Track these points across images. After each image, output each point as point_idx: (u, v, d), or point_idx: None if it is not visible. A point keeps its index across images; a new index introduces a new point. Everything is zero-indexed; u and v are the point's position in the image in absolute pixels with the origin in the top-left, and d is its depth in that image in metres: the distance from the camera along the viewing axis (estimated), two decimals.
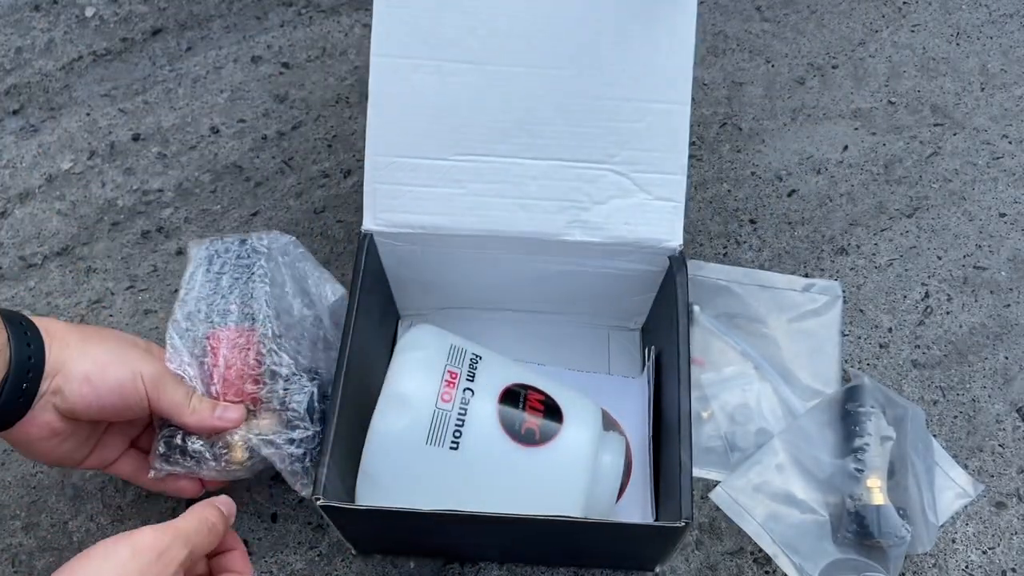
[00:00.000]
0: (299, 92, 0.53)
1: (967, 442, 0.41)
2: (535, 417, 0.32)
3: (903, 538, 0.36)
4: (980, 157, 0.51)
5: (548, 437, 0.31)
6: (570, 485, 0.31)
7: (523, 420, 0.31)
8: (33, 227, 0.48)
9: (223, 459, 0.33)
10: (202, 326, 0.34)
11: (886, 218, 0.48)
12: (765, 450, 0.39)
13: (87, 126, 0.52)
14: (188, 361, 0.33)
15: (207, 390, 0.33)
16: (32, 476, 0.40)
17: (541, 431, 0.32)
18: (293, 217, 0.48)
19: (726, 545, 0.38)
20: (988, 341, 0.44)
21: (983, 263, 0.47)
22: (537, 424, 0.32)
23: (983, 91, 0.53)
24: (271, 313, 0.35)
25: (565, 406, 0.33)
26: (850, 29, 0.57)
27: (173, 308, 0.35)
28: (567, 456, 0.31)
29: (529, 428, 0.31)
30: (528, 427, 0.31)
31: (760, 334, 0.43)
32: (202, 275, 0.36)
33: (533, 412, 0.32)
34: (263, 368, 0.34)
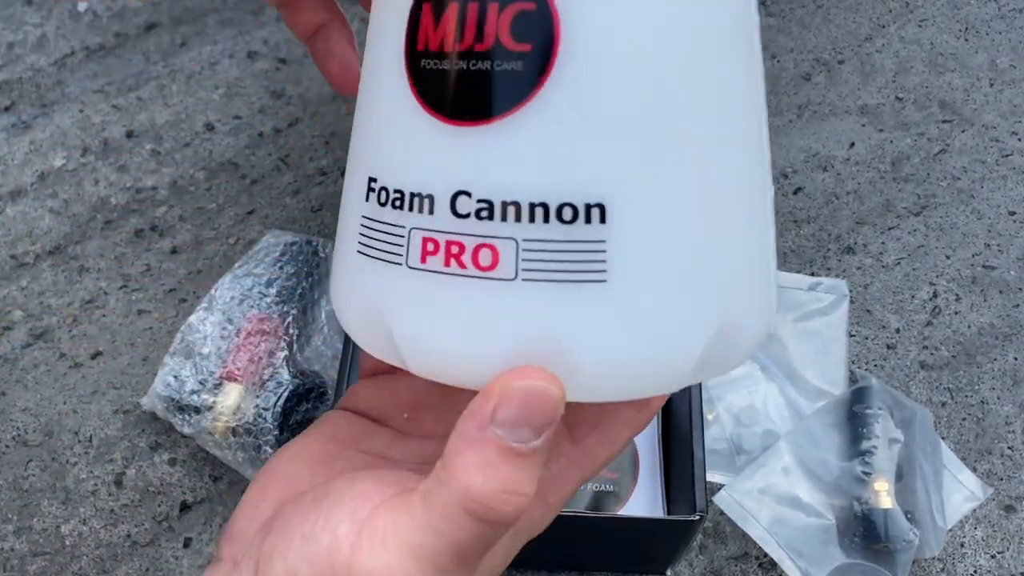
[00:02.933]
0: (296, 88, 0.53)
1: (976, 444, 0.40)
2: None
3: (911, 542, 0.35)
4: (989, 154, 0.50)
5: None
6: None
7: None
8: (25, 225, 0.48)
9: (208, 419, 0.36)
10: (241, 306, 0.38)
11: (893, 216, 0.48)
12: (770, 453, 0.39)
13: (80, 123, 0.52)
14: (212, 325, 0.38)
15: (220, 359, 0.37)
16: (24, 479, 0.39)
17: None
18: (290, 215, 0.48)
19: (730, 549, 0.37)
20: (997, 342, 0.43)
21: (992, 262, 0.46)
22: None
23: (992, 87, 0.52)
24: (296, 312, 0.39)
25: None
26: (857, 24, 0.56)
27: (224, 277, 0.40)
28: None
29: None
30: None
31: None
32: (270, 262, 0.40)
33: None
34: (272, 358, 0.37)
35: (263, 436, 0.36)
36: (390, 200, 0.13)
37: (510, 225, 0.12)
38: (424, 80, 0.12)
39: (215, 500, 0.39)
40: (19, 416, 0.41)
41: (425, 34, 0.12)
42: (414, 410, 0.17)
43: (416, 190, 0.12)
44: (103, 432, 0.41)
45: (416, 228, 0.12)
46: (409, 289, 0.12)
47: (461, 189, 0.12)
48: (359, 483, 0.14)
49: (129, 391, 0.42)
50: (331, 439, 0.16)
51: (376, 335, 0.13)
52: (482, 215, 0.12)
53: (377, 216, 0.13)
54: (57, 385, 0.42)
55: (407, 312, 0.13)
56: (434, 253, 0.12)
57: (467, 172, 0.12)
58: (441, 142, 0.12)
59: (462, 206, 0.12)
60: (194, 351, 0.39)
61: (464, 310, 0.12)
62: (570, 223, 0.12)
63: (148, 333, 0.44)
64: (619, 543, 0.33)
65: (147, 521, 0.38)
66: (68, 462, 0.40)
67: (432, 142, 0.12)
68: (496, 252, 0.12)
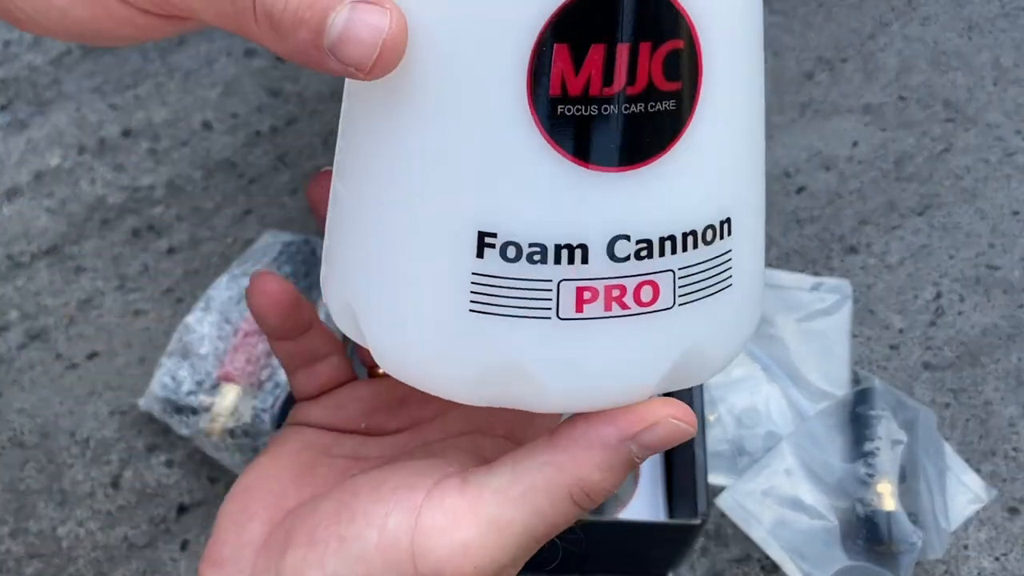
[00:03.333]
0: (294, 87, 0.52)
1: (980, 446, 0.40)
2: None
3: (914, 544, 0.35)
4: (993, 154, 0.50)
5: None
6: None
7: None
8: (21, 225, 0.47)
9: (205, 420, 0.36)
10: (238, 306, 0.38)
11: (897, 216, 0.47)
12: (773, 454, 0.39)
13: (76, 121, 0.51)
14: (210, 326, 0.37)
15: (218, 360, 0.36)
16: (20, 481, 0.39)
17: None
18: (288, 215, 0.47)
19: (732, 552, 0.37)
20: (1001, 342, 0.43)
21: (996, 262, 0.46)
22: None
23: (996, 86, 0.52)
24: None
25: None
26: (860, 22, 0.55)
27: (221, 277, 0.39)
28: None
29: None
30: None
31: (767, 335, 0.43)
32: (267, 262, 0.40)
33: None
34: (270, 359, 0.36)
35: (261, 438, 0.36)
36: (524, 255, 0.12)
37: (667, 259, 0.12)
38: (562, 127, 0.11)
39: (212, 502, 0.38)
40: (15, 417, 0.41)
41: (560, 78, 0.11)
42: (369, 417, 0.17)
43: (564, 241, 0.12)
44: (100, 433, 0.40)
45: (566, 279, 0.12)
46: (561, 340, 0.12)
47: (619, 234, 0.12)
48: (393, 477, 0.13)
49: (126, 392, 0.41)
50: (302, 450, 0.16)
51: (504, 384, 0.13)
52: (642, 255, 0.12)
53: (503, 272, 0.12)
54: (53, 386, 0.42)
55: (562, 360, 0.13)
56: (591, 301, 0.12)
57: (625, 217, 0.12)
58: (591, 190, 0.12)
59: (620, 250, 0.12)
60: (191, 352, 0.38)
61: (626, 345, 0.12)
62: (710, 243, 0.13)
63: (145, 333, 0.43)
64: (620, 546, 0.33)
65: (144, 523, 0.38)
66: (64, 463, 0.40)
67: (579, 191, 0.12)
68: (657, 287, 0.12)
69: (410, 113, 0.12)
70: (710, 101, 0.12)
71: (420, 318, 0.13)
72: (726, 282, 0.13)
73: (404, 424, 0.17)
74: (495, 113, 0.12)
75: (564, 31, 0.11)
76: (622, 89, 0.11)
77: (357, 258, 0.14)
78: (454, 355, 0.13)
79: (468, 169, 0.12)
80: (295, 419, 0.17)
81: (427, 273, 0.13)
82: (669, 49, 0.11)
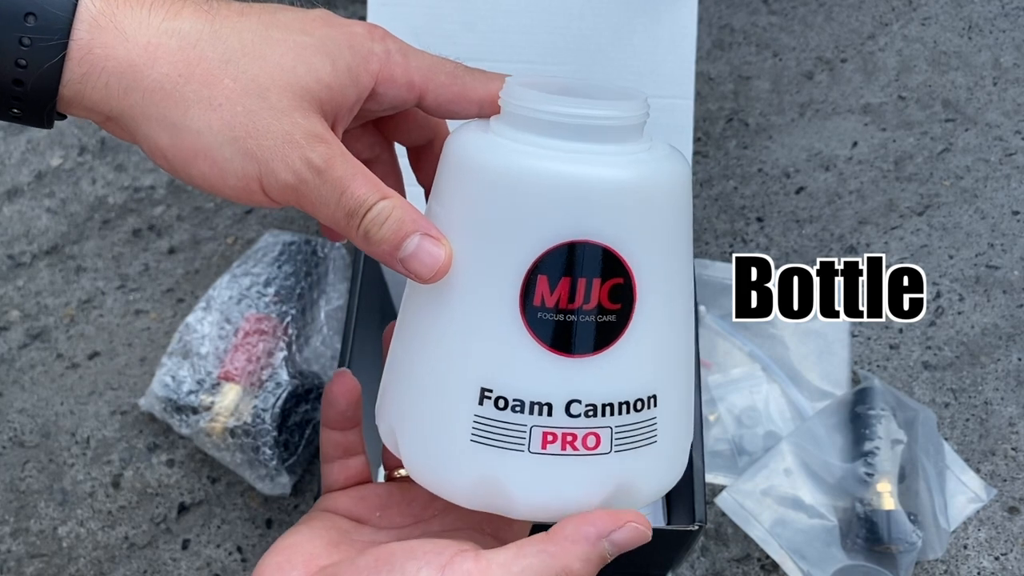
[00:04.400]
0: None
1: (979, 446, 0.40)
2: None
3: (914, 544, 0.35)
4: (992, 153, 0.50)
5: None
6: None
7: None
8: (22, 225, 0.47)
9: (205, 419, 0.36)
10: (239, 305, 0.39)
11: (896, 216, 0.47)
12: (772, 454, 0.39)
13: (77, 121, 0.51)
14: (210, 325, 0.38)
15: (218, 359, 0.37)
16: (20, 480, 0.39)
17: None
18: (288, 214, 0.47)
19: (732, 551, 0.37)
20: (1001, 342, 0.43)
21: (995, 262, 0.46)
22: None
23: (995, 86, 0.52)
24: (295, 312, 0.39)
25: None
26: (860, 22, 0.55)
27: (222, 277, 0.39)
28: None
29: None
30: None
31: (768, 334, 0.42)
32: (268, 261, 0.41)
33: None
34: (271, 358, 0.37)
35: (261, 437, 0.36)
36: (509, 406, 0.18)
37: (608, 419, 0.18)
38: (540, 326, 0.18)
39: (213, 502, 0.38)
40: (16, 417, 0.41)
41: (540, 295, 0.18)
42: (383, 509, 0.21)
43: (536, 399, 0.18)
44: (100, 433, 0.40)
45: (536, 426, 0.18)
46: (530, 467, 0.18)
47: (574, 398, 0.18)
48: (422, 545, 0.18)
49: (127, 392, 0.41)
50: (331, 528, 0.20)
51: (487, 496, 0.19)
52: (589, 414, 0.18)
53: (495, 417, 0.18)
54: (54, 386, 0.42)
55: (529, 481, 0.18)
56: (553, 442, 0.18)
57: (578, 387, 0.18)
58: (555, 368, 0.18)
59: (574, 409, 0.18)
60: (192, 351, 0.38)
61: (575, 477, 0.18)
62: (640, 411, 0.19)
63: (146, 333, 0.43)
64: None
65: (145, 523, 0.38)
66: (65, 463, 0.40)
67: (547, 367, 0.18)
68: (599, 437, 0.18)
69: (444, 306, 0.19)
70: (642, 315, 0.18)
71: (438, 442, 0.19)
72: (651, 438, 0.19)
73: (409, 520, 0.21)
74: (498, 314, 0.18)
75: (544, 268, 0.18)
76: (580, 306, 0.18)
77: (401, 396, 0.20)
78: (458, 470, 0.19)
79: (479, 346, 0.19)
80: (322, 506, 0.21)
81: (444, 412, 0.19)
82: (612, 283, 0.18)
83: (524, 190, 0.18)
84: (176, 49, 0.16)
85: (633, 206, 0.18)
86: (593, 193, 0.17)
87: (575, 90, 0.19)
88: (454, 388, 0.19)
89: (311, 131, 0.17)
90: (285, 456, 0.36)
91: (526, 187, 0.18)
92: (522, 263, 0.18)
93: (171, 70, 0.16)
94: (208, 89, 0.16)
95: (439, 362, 0.19)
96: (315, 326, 0.40)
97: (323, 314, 0.41)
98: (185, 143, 0.17)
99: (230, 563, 0.37)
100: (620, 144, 0.18)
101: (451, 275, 0.18)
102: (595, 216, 0.17)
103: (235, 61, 0.17)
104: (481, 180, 0.18)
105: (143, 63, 0.16)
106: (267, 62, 0.17)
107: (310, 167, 0.17)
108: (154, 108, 0.16)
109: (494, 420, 0.18)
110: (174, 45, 0.16)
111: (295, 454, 0.37)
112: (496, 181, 0.18)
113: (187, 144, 0.17)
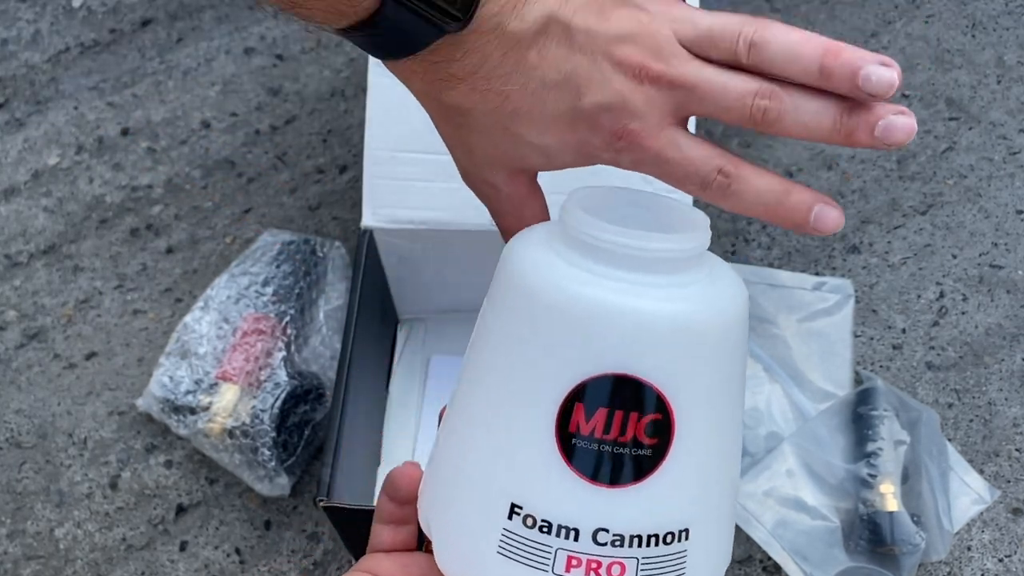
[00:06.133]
0: (293, 85, 0.52)
1: (983, 446, 0.39)
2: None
3: (917, 545, 0.35)
4: (996, 152, 0.49)
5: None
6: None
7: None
8: (18, 224, 0.47)
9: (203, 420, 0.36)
10: (237, 305, 0.39)
11: (899, 215, 0.47)
12: (774, 455, 0.38)
13: (74, 120, 0.51)
14: (208, 325, 0.38)
15: (216, 359, 0.37)
16: (17, 482, 0.39)
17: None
18: (287, 214, 0.47)
19: (734, 553, 0.37)
20: (1005, 342, 0.43)
21: (999, 262, 0.45)
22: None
23: (999, 84, 0.52)
24: (294, 312, 0.39)
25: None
26: (863, 20, 0.55)
27: (220, 277, 0.40)
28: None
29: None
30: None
31: (770, 334, 0.42)
32: (267, 261, 0.40)
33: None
34: (270, 359, 0.36)
35: (260, 438, 0.36)
36: (537, 525, 0.18)
37: (633, 550, 0.18)
38: (574, 452, 0.18)
39: (211, 503, 0.38)
40: (12, 417, 0.41)
41: (577, 422, 0.18)
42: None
43: (564, 523, 0.18)
44: (98, 434, 0.40)
45: (562, 549, 0.18)
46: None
47: (601, 527, 0.18)
48: None
49: (124, 392, 0.41)
50: None
51: None
52: (615, 544, 0.18)
53: (523, 534, 0.19)
54: (51, 386, 0.42)
55: None
56: (577, 567, 0.18)
57: (607, 517, 0.18)
58: (586, 495, 0.18)
59: (601, 537, 0.18)
60: (190, 351, 0.38)
61: None
62: (669, 544, 0.18)
63: (143, 333, 0.43)
64: None
65: (143, 524, 0.37)
66: (62, 464, 0.39)
67: (578, 494, 0.18)
68: (624, 567, 0.18)
69: (487, 413, 0.19)
70: (680, 452, 0.18)
71: (467, 548, 0.20)
72: (680, 570, 0.19)
73: None
74: (535, 434, 0.18)
75: (582, 396, 0.18)
76: (615, 438, 0.18)
77: (438, 492, 0.21)
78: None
79: (513, 462, 0.19)
80: (364, 567, 0.22)
81: (475, 519, 0.19)
82: (651, 419, 0.18)
83: (572, 316, 0.18)
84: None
85: (679, 343, 0.18)
86: (638, 327, 0.18)
87: (639, 207, 0.20)
88: (487, 498, 0.19)
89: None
90: (284, 457, 0.36)
91: (574, 313, 0.18)
92: (563, 388, 0.18)
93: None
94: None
95: (475, 468, 0.19)
96: (314, 326, 0.40)
97: (322, 314, 0.41)
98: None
99: (228, 565, 0.36)
100: (677, 275, 0.18)
101: (496, 384, 0.19)
102: (638, 350, 0.18)
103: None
104: (533, 300, 0.19)
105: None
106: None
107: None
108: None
109: (522, 537, 0.18)
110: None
111: (294, 455, 0.37)
112: (548, 303, 0.18)
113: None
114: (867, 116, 0.20)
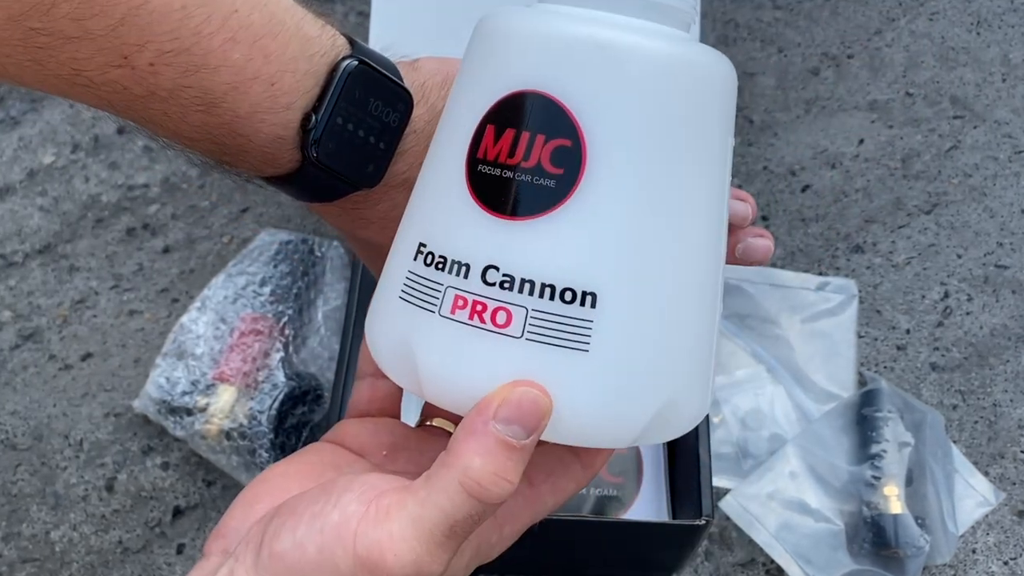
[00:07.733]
0: None
1: (988, 448, 0.39)
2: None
3: (921, 548, 0.34)
4: (1002, 151, 0.49)
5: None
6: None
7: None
8: (13, 224, 0.47)
9: (200, 421, 0.35)
10: (234, 305, 0.38)
11: (904, 215, 0.47)
12: (777, 457, 0.38)
13: (70, 118, 0.50)
14: (205, 326, 0.37)
15: (213, 360, 0.36)
16: (12, 484, 0.38)
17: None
18: (285, 213, 0.47)
19: (736, 556, 0.36)
20: (1010, 343, 0.42)
21: (1005, 261, 0.45)
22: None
23: (1004, 82, 0.51)
24: (292, 312, 0.38)
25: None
26: (866, 17, 0.54)
27: (217, 277, 0.39)
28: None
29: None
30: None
31: (773, 335, 0.42)
32: (264, 261, 0.40)
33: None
34: (267, 359, 0.36)
35: (257, 440, 0.35)
36: (434, 262, 0.17)
37: (524, 297, 0.16)
38: (478, 180, 0.16)
39: (208, 505, 0.38)
40: (7, 419, 0.40)
41: (485, 146, 0.16)
42: (392, 450, 0.20)
43: (456, 258, 0.16)
44: (94, 435, 0.40)
45: (451, 287, 0.16)
46: (437, 332, 0.16)
47: (491, 264, 0.16)
48: (365, 477, 0.17)
49: (120, 393, 0.41)
50: (316, 463, 0.19)
51: (402, 365, 0.17)
52: (504, 286, 0.16)
53: (421, 273, 0.17)
54: (47, 387, 0.41)
55: (432, 350, 0.16)
56: (463, 308, 0.16)
57: (499, 252, 0.16)
58: (483, 227, 0.16)
59: (490, 276, 0.16)
60: (187, 352, 0.38)
61: (477, 355, 0.16)
62: (569, 303, 0.16)
63: (140, 334, 0.43)
64: (622, 548, 0.32)
65: (139, 527, 0.37)
66: (58, 466, 0.39)
67: (476, 226, 0.16)
68: (510, 315, 0.16)
69: (418, 180, 0.18)
70: (589, 194, 0.16)
71: (379, 300, 0.18)
72: (580, 344, 0.16)
73: (413, 469, 0.19)
74: (450, 166, 0.17)
75: (494, 118, 0.16)
76: (518, 162, 0.16)
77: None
78: (384, 330, 0.18)
79: (425, 197, 0.18)
80: (328, 436, 0.20)
81: (390, 268, 0.18)
82: (558, 143, 0.16)
83: (509, 39, 0.16)
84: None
85: (608, 65, 0.15)
86: (566, 46, 0.15)
87: None
88: (402, 243, 0.18)
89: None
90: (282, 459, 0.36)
91: (512, 36, 0.16)
92: (479, 113, 0.16)
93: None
94: None
95: (404, 220, 0.18)
96: (312, 326, 0.40)
97: (320, 314, 0.40)
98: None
99: None
100: (654, 24, 0.16)
101: (437, 137, 0.18)
102: (556, 64, 0.15)
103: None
104: (484, 35, 0.17)
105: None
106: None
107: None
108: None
109: (420, 277, 0.16)
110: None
111: None
112: (490, 31, 0.17)
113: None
114: (730, 239, 0.20)
